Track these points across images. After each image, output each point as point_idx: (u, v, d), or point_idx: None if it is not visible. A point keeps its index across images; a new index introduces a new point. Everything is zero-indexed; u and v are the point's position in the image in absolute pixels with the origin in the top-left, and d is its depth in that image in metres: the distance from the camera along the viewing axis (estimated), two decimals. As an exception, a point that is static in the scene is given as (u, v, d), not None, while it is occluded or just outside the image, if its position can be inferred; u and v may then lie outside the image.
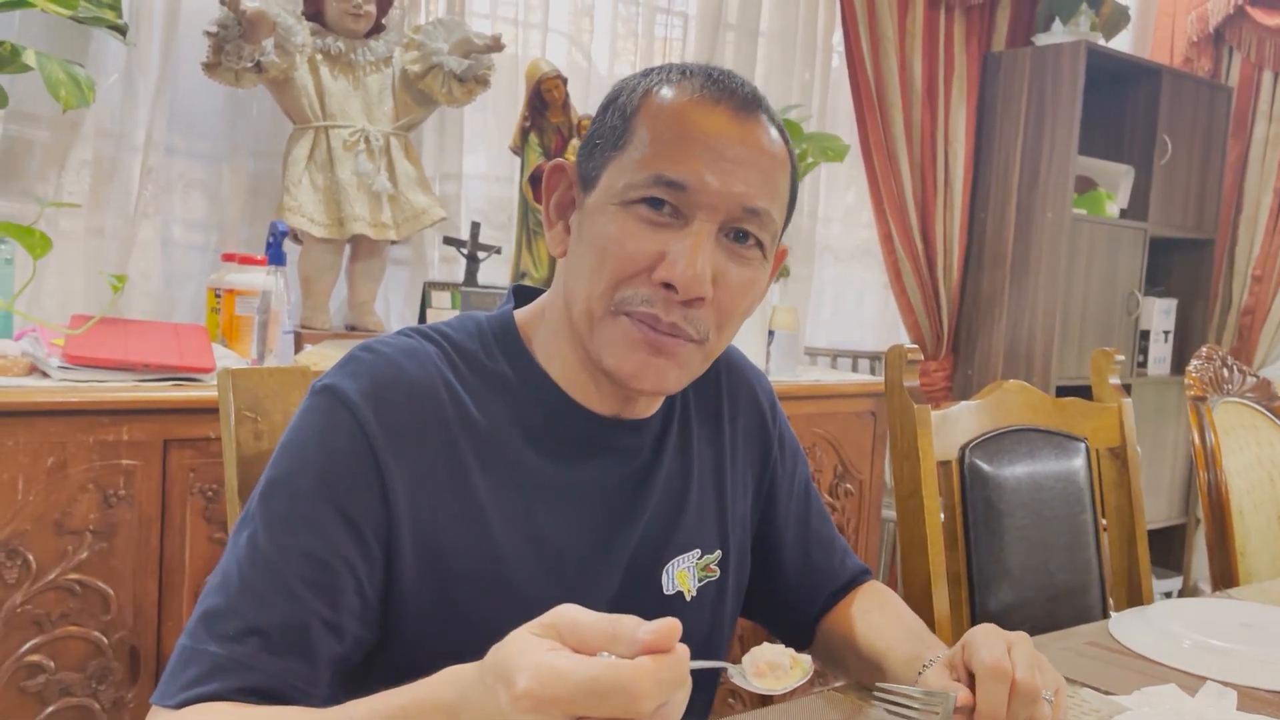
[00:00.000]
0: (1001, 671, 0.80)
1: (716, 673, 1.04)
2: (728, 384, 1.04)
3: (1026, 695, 0.80)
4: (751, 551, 1.06)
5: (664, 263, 0.80)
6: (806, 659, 0.67)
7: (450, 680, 0.60)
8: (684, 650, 0.55)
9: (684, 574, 0.94)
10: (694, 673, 0.97)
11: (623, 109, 0.85)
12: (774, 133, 0.85)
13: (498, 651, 0.57)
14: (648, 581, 0.92)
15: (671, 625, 0.55)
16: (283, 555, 0.77)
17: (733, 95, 0.83)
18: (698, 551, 0.96)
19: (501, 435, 0.87)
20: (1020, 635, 0.86)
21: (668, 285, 0.80)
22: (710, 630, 0.98)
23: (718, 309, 0.83)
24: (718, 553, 0.98)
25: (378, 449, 0.80)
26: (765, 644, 0.68)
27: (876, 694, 0.85)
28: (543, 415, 0.89)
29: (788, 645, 1.13)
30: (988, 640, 0.84)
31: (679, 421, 0.97)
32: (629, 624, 0.55)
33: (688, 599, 0.95)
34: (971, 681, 0.83)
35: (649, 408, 0.94)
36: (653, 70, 0.88)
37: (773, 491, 1.07)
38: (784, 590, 1.09)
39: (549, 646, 0.55)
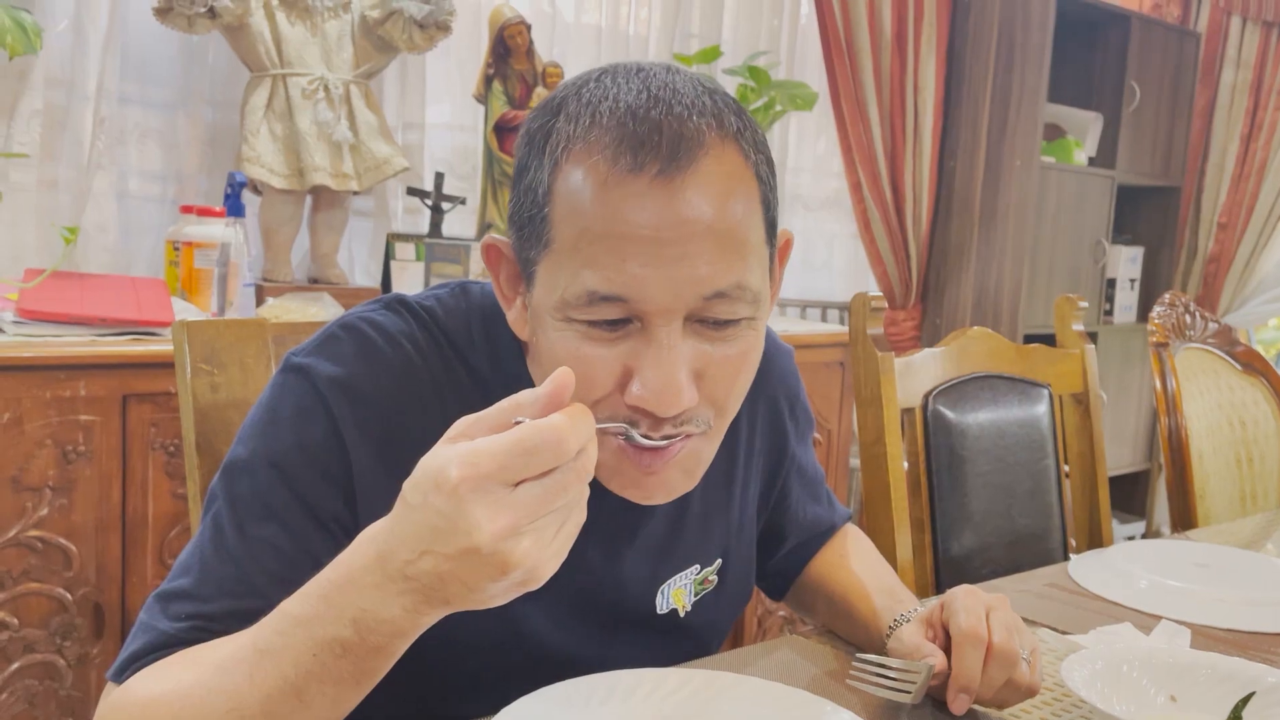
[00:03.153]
0: (978, 637, 0.80)
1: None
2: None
3: (1004, 659, 0.80)
4: (758, 539, 1.03)
5: (633, 384, 0.68)
6: None
7: (366, 538, 0.60)
8: (582, 407, 0.57)
9: (680, 592, 0.91)
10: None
11: (534, 191, 0.70)
12: (718, 168, 0.68)
13: (413, 475, 0.58)
14: (641, 602, 0.88)
15: (563, 374, 0.57)
16: (245, 544, 0.74)
17: (655, 150, 0.66)
18: (696, 567, 0.92)
19: None
20: (999, 598, 0.85)
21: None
22: (704, 630, 0.95)
23: (713, 400, 0.72)
24: (717, 562, 0.94)
25: (349, 444, 0.76)
26: None
27: (854, 667, 0.85)
28: None
29: (767, 594, 1.14)
30: (966, 604, 0.83)
31: None
32: (526, 394, 0.58)
33: (682, 615, 0.92)
34: (948, 641, 0.83)
35: None
36: (558, 114, 0.71)
37: (786, 484, 1.04)
38: (779, 559, 1.08)
39: (452, 443, 0.57)
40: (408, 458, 0.74)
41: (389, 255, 2.12)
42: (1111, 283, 3.43)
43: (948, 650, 0.83)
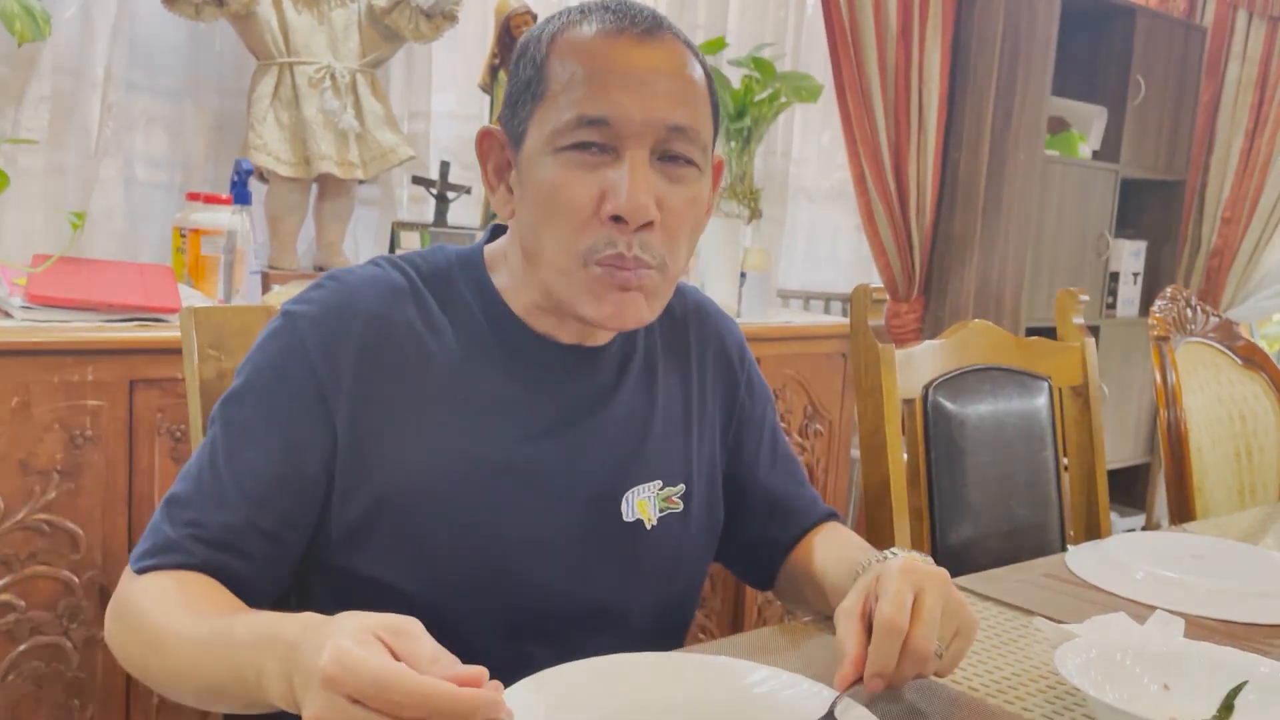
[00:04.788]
0: (897, 629, 0.79)
1: (685, 621, 1.06)
2: (696, 327, 1.06)
3: (915, 657, 0.80)
4: (732, 502, 1.08)
5: (608, 197, 0.84)
6: None
7: (304, 623, 0.69)
8: (475, 695, 0.61)
9: (644, 503, 0.97)
10: (662, 622, 1.00)
11: (533, 59, 0.88)
12: (682, 49, 0.88)
13: (339, 619, 0.66)
14: (607, 507, 0.95)
15: (477, 672, 0.63)
16: (231, 465, 0.86)
17: (634, 21, 0.86)
18: (659, 483, 0.98)
19: (460, 361, 0.91)
20: (934, 579, 0.83)
21: (616, 218, 0.84)
22: (672, 560, 1.00)
23: (666, 231, 0.87)
24: (680, 486, 1.00)
25: (321, 376, 0.87)
26: None
27: None
28: (504, 343, 0.93)
29: (753, 583, 1.16)
30: (897, 587, 0.81)
31: (643, 352, 1.00)
32: (451, 659, 0.64)
33: (648, 527, 0.97)
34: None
35: (610, 334, 0.97)
36: (553, 17, 0.90)
37: (740, 435, 1.08)
38: (751, 531, 1.10)
39: (364, 639, 0.63)
40: (381, 387, 0.88)
41: (394, 244, 2.13)
42: (1114, 276, 3.43)
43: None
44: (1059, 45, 3.02)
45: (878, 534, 1.36)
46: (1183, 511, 1.77)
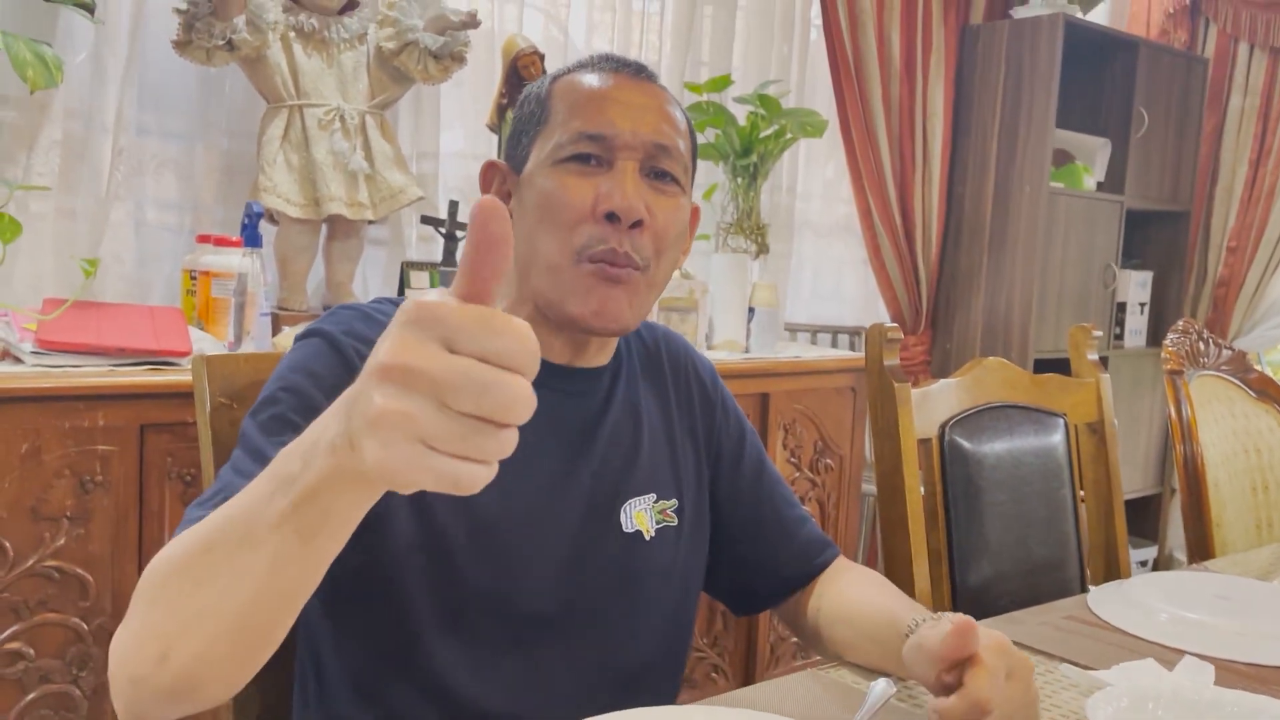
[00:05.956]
0: (983, 711, 0.78)
1: (686, 642, 1.08)
2: (668, 354, 1.12)
3: None
4: (723, 524, 1.11)
5: (602, 199, 0.92)
6: None
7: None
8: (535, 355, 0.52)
9: (641, 514, 1.01)
10: (666, 639, 1.01)
11: (537, 97, 0.99)
12: (666, 94, 1.00)
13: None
14: (607, 519, 0.99)
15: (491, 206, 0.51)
16: (263, 451, 0.83)
17: (626, 65, 0.99)
18: (654, 495, 1.03)
19: None
20: (1023, 670, 0.83)
21: (610, 216, 0.91)
22: (670, 573, 1.03)
23: (654, 235, 0.95)
24: (674, 500, 1.05)
25: (357, 368, 0.82)
26: None
27: None
28: None
29: (736, 611, 1.17)
30: (991, 667, 0.80)
31: (626, 377, 1.05)
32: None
33: (647, 538, 1.01)
34: (958, 675, 0.81)
35: (599, 357, 1.02)
36: (547, 76, 1.02)
37: (720, 454, 1.12)
38: (738, 549, 1.12)
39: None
40: None
41: (404, 283, 2.13)
42: (1121, 307, 3.43)
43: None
44: (1062, 78, 3.03)
45: (896, 575, 1.35)
46: (1201, 547, 1.75)
